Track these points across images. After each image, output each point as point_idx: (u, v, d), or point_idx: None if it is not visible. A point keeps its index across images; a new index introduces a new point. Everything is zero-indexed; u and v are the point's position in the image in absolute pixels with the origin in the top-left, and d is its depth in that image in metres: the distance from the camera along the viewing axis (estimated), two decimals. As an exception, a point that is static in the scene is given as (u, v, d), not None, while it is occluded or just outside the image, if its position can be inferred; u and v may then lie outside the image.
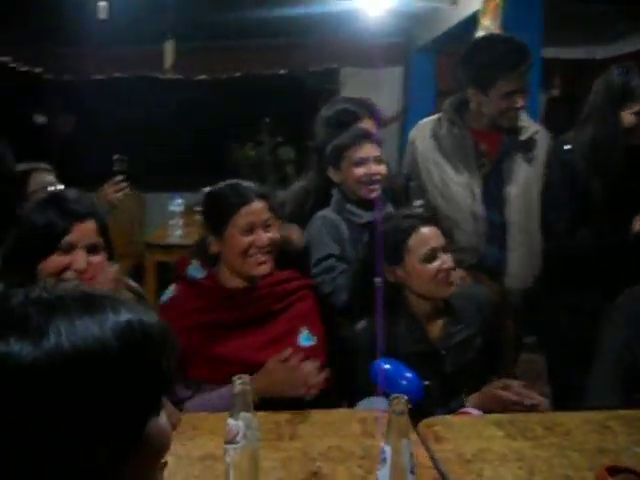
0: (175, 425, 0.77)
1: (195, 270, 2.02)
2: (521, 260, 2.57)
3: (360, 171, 2.39)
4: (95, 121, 6.52)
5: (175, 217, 4.58)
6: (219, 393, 1.82)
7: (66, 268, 1.65)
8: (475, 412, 1.88)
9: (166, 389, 0.73)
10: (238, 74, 6.64)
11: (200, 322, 1.91)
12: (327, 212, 2.46)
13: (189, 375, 1.87)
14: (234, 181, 2.04)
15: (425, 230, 2.02)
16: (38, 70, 6.30)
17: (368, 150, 2.41)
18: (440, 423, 1.73)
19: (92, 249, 1.69)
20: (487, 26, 3.84)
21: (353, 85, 6.78)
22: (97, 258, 1.70)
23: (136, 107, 6.42)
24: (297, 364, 1.81)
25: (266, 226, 1.97)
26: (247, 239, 1.93)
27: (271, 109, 6.57)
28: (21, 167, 2.80)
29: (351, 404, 1.94)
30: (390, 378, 1.84)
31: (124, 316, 0.69)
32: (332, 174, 2.46)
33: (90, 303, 0.68)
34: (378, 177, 2.41)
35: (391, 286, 2.03)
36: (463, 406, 1.93)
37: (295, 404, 1.80)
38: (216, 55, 6.51)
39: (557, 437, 1.63)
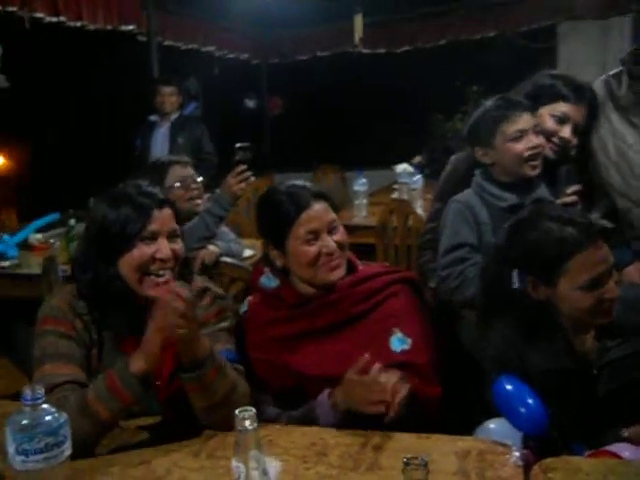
0: None
1: (267, 280, 1.79)
2: None
3: (519, 147, 2.01)
4: (302, 102, 6.60)
5: (359, 197, 4.41)
6: (303, 412, 1.63)
7: (151, 258, 1.55)
8: (628, 452, 1.43)
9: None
10: (443, 42, 6.27)
11: (275, 335, 1.72)
12: (465, 196, 2.11)
13: (273, 390, 1.69)
14: (289, 183, 1.77)
15: (593, 253, 1.54)
16: (244, 56, 6.51)
17: (526, 121, 2.02)
18: (563, 467, 1.33)
19: (172, 235, 1.60)
20: None
21: (573, 42, 6.07)
22: (177, 245, 1.60)
23: (336, 84, 6.38)
24: (375, 376, 1.50)
25: (332, 228, 1.69)
26: (312, 249, 1.68)
27: (479, 77, 6.13)
28: (162, 160, 2.82)
29: (464, 426, 1.59)
30: (509, 402, 1.47)
31: None
32: (480, 155, 2.10)
33: None
34: (539, 150, 2.01)
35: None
36: (618, 441, 1.49)
37: (390, 423, 1.50)
38: (418, 24, 6.21)
39: None
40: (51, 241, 3.59)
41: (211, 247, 2.61)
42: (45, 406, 1.08)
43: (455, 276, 1.99)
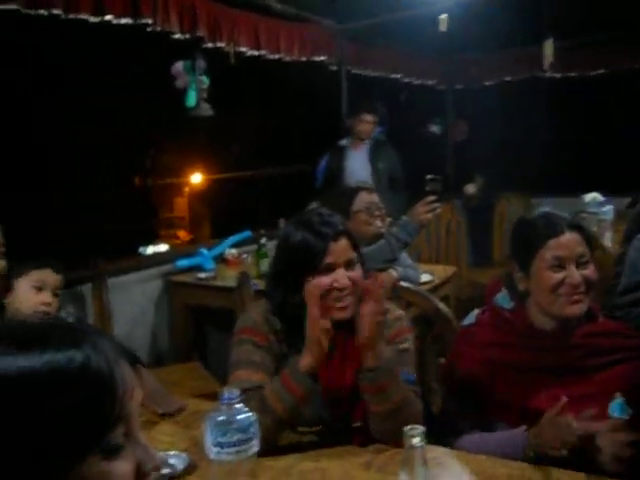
0: (151, 471, 0.72)
1: (503, 299, 1.82)
2: None
3: None
4: (487, 127, 6.53)
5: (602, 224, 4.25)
6: (498, 437, 1.64)
7: (331, 287, 1.67)
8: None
9: (105, 433, 0.68)
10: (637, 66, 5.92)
11: (497, 359, 1.72)
12: None
13: (483, 409, 1.72)
14: (546, 211, 1.79)
15: None
16: (431, 82, 6.58)
17: None
18: None
19: (349, 264, 1.69)
20: None
21: None
22: (355, 272, 1.69)
23: (525, 110, 6.25)
24: (571, 421, 1.47)
25: (581, 262, 1.69)
26: (557, 276, 1.67)
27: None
28: (349, 186, 2.96)
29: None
30: None
31: (67, 353, 0.67)
32: None
33: (30, 336, 0.69)
34: None
35: None
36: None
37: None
38: (611, 47, 5.92)
39: None
40: (243, 256, 3.89)
41: (391, 271, 2.71)
42: (239, 406, 1.23)
43: (632, 318, 1.90)
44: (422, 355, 2.20)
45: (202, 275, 3.64)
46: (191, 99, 3.76)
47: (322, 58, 4.82)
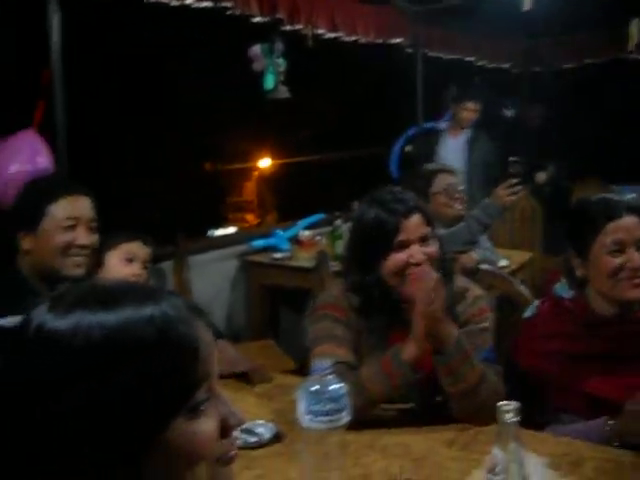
0: (235, 426, 0.72)
1: (562, 289, 1.79)
2: None
3: None
4: (564, 112, 6.36)
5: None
6: (577, 429, 1.61)
7: (406, 263, 1.68)
8: None
9: (191, 393, 0.67)
10: None
11: (563, 350, 1.70)
12: None
13: (547, 401, 1.71)
14: (604, 195, 1.75)
15: None
16: (505, 65, 6.45)
17: None
18: None
19: (423, 240, 1.69)
20: None
21: None
22: (430, 248, 1.69)
23: (606, 93, 6.05)
24: None
25: None
26: (616, 260, 1.63)
27: None
28: (429, 167, 2.95)
29: None
30: None
31: (146, 311, 0.66)
32: None
33: (110, 297, 0.68)
34: None
35: None
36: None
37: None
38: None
39: None
40: (317, 238, 3.93)
41: (472, 253, 2.70)
42: (330, 377, 1.25)
43: None
44: (502, 338, 2.19)
45: (278, 255, 3.70)
46: (269, 82, 3.80)
47: (398, 40, 4.78)
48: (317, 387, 1.23)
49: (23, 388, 0.63)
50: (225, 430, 0.71)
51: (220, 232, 6.42)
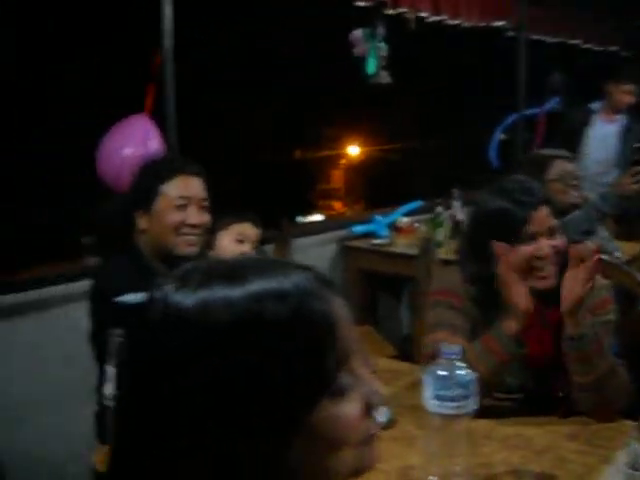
0: (377, 406, 0.67)
1: None
2: None
3: None
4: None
5: None
6: None
7: (532, 256, 1.63)
8: None
9: (335, 372, 0.63)
10: None
11: None
12: None
13: None
14: None
15: None
16: (612, 48, 6.15)
17: None
18: None
19: (551, 232, 1.64)
20: None
21: None
22: (557, 240, 1.64)
23: None
24: None
25: None
26: None
27: None
28: (544, 153, 2.84)
29: None
30: None
31: (275, 285, 0.62)
32: None
33: (238, 272, 0.64)
34: None
35: None
36: None
37: None
38: None
39: None
40: (416, 225, 3.88)
41: (588, 242, 2.59)
42: (459, 363, 1.22)
43: None
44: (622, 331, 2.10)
45: (377, 241, 3.68)
46: (371, 66, 3.76)
47: (501, 23, 4.64)
48: (445, 372, 1.20)
49: (152, 365, 0.62)
50: (367, 410, 0.67)
51: (307, 220, 6.46)
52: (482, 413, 1.55)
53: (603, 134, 4.20)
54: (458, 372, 1.20)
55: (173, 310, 0.63)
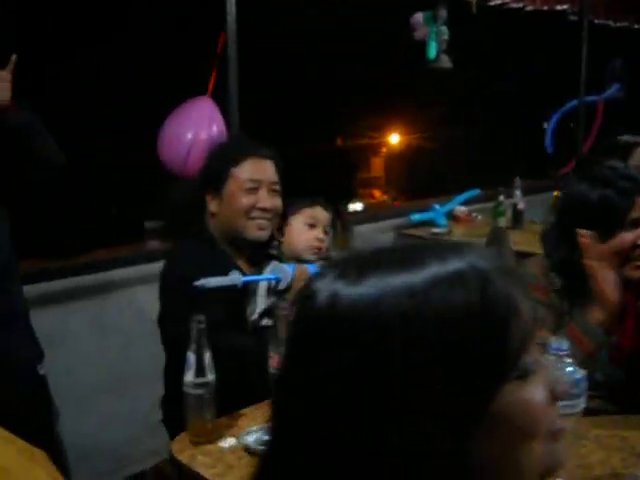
0: (561, 396, 0.62)
1: None
2: None
3: None
4: None
5: None
6: None
7: (634, 243, 1.55)
8: None
9: (517, 354, 0.58)
10: None
11: None
12: None
13: None
14: None
15: None
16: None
17: None
18: None
19: None
20: None
21: None
22: None
23: None
24: None
25: None
26: None
27: None
28: (625, 140, 2.73)
29: None
30: None
31: (453, 267, 0.58)
32: None
33: (408, 255, 0.61)
34: None
35: None
36: None
37: None
38: None
39: None
40: (474, 214, 3.79)
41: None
42: (567, 359, 1.15)
43: None
44: None
45: (436, 230, 3.61)
46: (432, 50, 3.66)
47: (564, 7, 4.49)
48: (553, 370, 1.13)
49: (324, 358, 0.58)
50: (553, 400, 0.61)
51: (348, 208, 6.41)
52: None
53: None
54: (567, 369, 1.14)
55: (343, 302, 0.58)
